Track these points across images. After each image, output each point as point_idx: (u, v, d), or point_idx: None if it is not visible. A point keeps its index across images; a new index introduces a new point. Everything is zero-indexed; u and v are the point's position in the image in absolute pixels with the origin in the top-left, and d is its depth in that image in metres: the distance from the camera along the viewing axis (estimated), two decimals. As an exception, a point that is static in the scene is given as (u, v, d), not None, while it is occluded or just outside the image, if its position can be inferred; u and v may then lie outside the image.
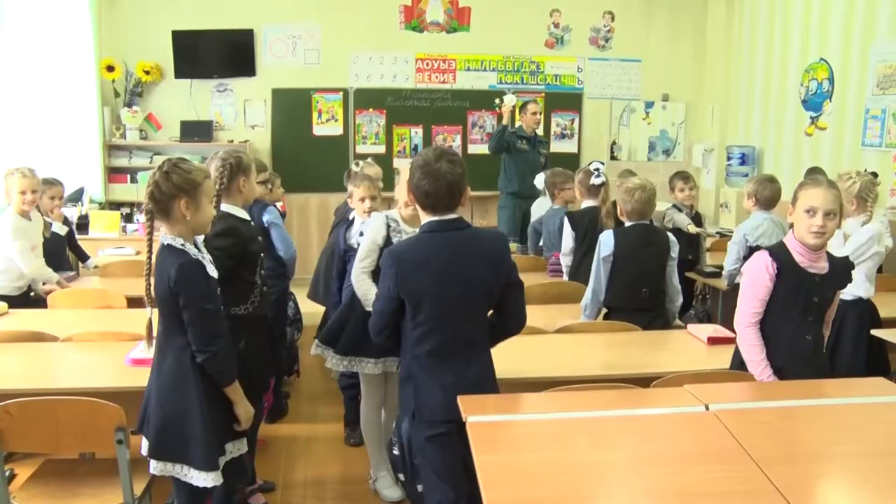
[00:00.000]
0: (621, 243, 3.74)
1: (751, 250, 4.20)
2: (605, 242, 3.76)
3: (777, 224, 4.55)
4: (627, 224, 3.83)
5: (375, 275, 3.25)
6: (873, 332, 3.88)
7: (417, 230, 3.19)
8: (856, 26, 6.17)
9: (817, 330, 2.87)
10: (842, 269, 2.86)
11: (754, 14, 7.69)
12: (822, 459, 2.12)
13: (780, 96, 7.25)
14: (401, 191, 3.31)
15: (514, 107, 6.97)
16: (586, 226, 4.50)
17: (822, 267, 2.80)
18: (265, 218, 4.22)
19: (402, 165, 3.47)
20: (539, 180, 5.83)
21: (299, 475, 3.89)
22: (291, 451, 4.14)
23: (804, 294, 2.77)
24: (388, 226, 3.30)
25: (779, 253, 2.80)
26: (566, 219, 4.62)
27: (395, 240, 3.24)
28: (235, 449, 2.66)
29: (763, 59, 7.53)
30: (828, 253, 2.83)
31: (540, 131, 7.27)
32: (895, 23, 5.74)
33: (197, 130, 7.77)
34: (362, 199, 3.96)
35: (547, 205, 5.44)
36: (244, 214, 3.19)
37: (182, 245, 2.49)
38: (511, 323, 2.70)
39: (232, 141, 7.86)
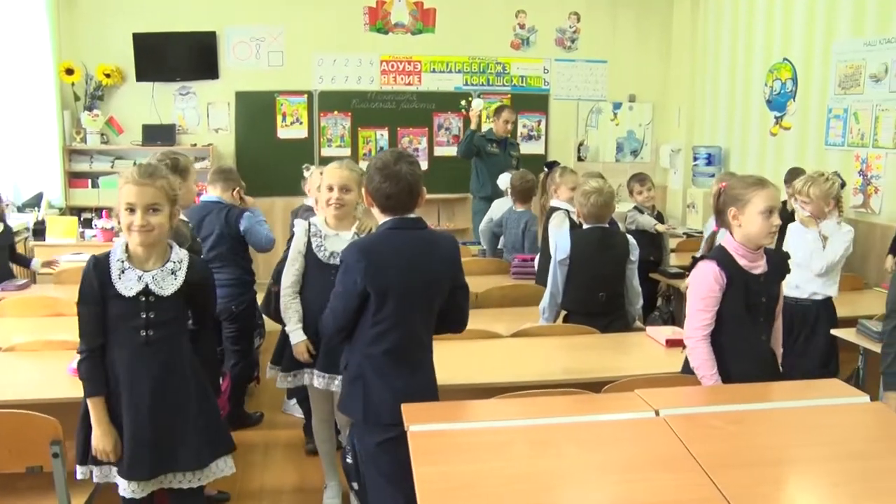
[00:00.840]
0: (577, 246, 3.70)
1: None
2: (562, 246, 3.72)
3: None
4: (585, 227, 3.79)
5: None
6: (833, 331, 3.87)
7: (340, 233, 3.19)
8: (818, 27, 6.20)
9: (769, 329, 2.85)
10: (779, 261, 2.85)
11: (719, 15, 7.71)
12: (772, 464, 2.07)
13: (745, 96, 7.28)
14: (313, 193, 3.28)
15: (481, 111, 6.95)
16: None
17: (762, 265, 2.76)
18: (241, 225, 4.17)
19: (314, 168, 3.41)
20: (503, 180, 5.77)
21: (255, 484, 3.81)
22: (248, 459, 4.05)
23: (753, 297, 2.73)
24: (309, 230, 3.23)
25: (724, 260, 2.72)
26: None
27: (314, 244, 3.19)
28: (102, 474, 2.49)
29: (728, 60, 7.55)
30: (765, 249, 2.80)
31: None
32: (856, 23, 5.78)
33: (159, 134, 7.63)
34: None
35: (507, 205, 5.36)
36: (181, 216, 3.13)
37: (120, 245, 2.45)
38: (455, 325, 2.75)
39: (195, 145, 7.73)
